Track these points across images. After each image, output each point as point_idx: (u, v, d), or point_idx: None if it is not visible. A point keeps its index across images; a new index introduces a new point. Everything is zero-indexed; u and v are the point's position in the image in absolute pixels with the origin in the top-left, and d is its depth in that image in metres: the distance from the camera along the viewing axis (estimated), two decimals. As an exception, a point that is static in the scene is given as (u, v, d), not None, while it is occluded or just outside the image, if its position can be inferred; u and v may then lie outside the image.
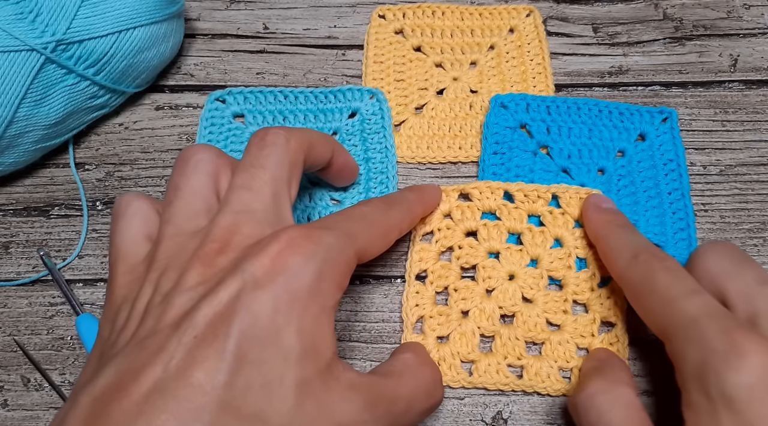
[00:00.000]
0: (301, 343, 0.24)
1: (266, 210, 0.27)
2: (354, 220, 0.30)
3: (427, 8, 0.49)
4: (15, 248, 0.42)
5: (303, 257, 0.25)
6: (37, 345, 0.39)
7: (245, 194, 0.28)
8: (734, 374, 0.26)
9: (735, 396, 0.26)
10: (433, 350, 0.37)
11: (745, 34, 0.48)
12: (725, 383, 0.26)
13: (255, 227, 0.27)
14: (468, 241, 0.40)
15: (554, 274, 0.39)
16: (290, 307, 0.24)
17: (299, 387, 0.23)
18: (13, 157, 0.40)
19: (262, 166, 0.29)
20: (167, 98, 0.47)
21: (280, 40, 0.49)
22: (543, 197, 0.40)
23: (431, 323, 0.38)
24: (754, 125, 0.45)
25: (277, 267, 0.24)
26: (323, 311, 0.25)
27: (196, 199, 0.28)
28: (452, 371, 0.37)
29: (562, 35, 0.49)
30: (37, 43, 0.37)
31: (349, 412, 0.25)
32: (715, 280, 0.31)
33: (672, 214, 0.41)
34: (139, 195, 0.30)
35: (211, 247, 0.26)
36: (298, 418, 0.23)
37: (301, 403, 0.23)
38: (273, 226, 0.27)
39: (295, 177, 0.30)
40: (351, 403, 0.25)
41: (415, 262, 0.39)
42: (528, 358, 0.37)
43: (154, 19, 0.41)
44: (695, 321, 0.28)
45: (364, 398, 0.26)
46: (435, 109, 0.46)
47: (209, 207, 0.28)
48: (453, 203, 0.40)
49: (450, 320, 0.38)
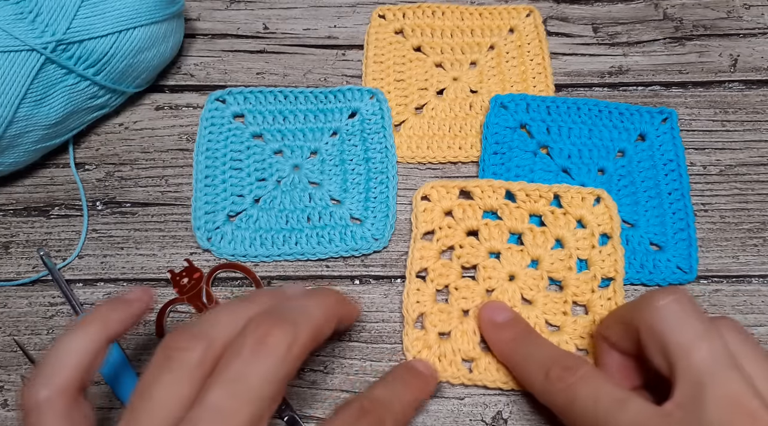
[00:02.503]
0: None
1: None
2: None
3: (427, 8, 0.49)
4: (15, 248, 0.42)
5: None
6: (37, 345, 0.39)
7: (215, 420, 0.24)
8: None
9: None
10: (434, 346, 0.37)
11: (745, 34, 0.48)
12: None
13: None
14: (469, 240, 0.40)
15: (555, 275, 0.39)
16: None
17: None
18: (13, 157, 0.40)
19: (247, 382, 0.24)
20: (167, 98, 0.47)
21: (280, 40, 0.49)
22: (545, 197, 0.40)
23: (432, 319, 0.38)
24: (754, 125, 0.45)
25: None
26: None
27: (164, 416, 0.24)
28: (452, 367, 0.37)
29: (562, 35, 0.49)
30: (37, 43, 0.37)
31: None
32: (658, 337, 0.29)
33: (672, 214, 0.41)
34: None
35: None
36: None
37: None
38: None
39: (284, 389, 0.26)
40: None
41: (415, 260, 0.39)
42: None
43: (154, 19, 0.41)
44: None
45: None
46: (435, 109, 0.46)
47: (178, 418, 0.24)
48: (454, 201, 0.40)
49: (451, 318, 0.38)
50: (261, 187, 0.43)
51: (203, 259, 0.41)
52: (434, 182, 0.41)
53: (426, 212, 0.40)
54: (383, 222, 0.41)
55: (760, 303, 0.39)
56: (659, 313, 0.29)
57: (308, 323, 0.27)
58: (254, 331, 0.25)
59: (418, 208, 0.40)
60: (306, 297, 0.29)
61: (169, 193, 0.43)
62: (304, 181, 0.43)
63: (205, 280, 0.40)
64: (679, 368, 0.28)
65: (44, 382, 0.26)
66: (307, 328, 0.27)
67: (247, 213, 0.42)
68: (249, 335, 0.25)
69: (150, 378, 0.25)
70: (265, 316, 0.26)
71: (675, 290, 0.30)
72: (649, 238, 0.40)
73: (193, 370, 0.25)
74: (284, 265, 0.41)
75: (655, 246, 0.41)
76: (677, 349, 0.28)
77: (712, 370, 0.27)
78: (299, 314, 0.27)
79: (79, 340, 0.28)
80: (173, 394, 0.25)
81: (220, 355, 0.26)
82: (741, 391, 0.26)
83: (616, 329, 0.32)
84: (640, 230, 0.40)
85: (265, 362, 0.25)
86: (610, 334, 0.33)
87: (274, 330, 0.25)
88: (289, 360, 0.25)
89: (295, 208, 0.42)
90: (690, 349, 0.28)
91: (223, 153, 0.43)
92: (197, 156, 0.43)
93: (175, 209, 0.43)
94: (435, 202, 0.40)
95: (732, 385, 0.26)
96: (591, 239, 0.39)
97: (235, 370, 0.25)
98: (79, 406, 0.27)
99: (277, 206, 0.42)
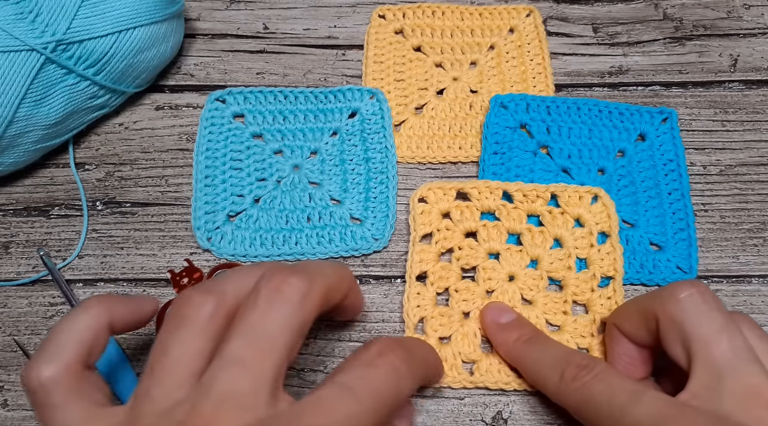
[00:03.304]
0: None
1: (257, 391, 0.24)
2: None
3: (427, 8, 0.49)
4: (15, 248, 0.42)
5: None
6: (37, 345, 0.39)
7: (236, 371, 0.24)
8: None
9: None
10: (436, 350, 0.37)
11: (745, 34, 0.48)
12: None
13: (237, 418, 0.23)
14: (468, 242, 0.40)
15: (554, 274, 0.39)
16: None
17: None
18: (13, 157, 0.40)
19: (264, 331, 0.25)
20: (167, 98, 0.47)
21: (280, 40, 0.49)
22: (542, 197, 0.40)
23: (433, 324, 0.38)
24: (754, 125, 0.45)
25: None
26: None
27: (184, 370, 0.25)
28: (453, 371, 0.37)
29: (562, 35, 0.49)
30: (37, 43, 0.37)
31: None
32: (681, 328, 0.29)
33: (672, 214, 0.41)
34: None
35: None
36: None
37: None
38: (258, 412, 0.24)
39: (302, 338, 0.26)
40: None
41: (415, 263, 0.39)
42: None
43: (154, 19, 0.41)
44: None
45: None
46: (435, 109, 0.46)
47: (198, 372, 0.25)
48: (451, 203, 0.40)
49: (452, 321, 0.38)
50: (261, 187, 0.43)
51: (203, 259, 0.41)
52: (431, 184, 0.40)
53: (424, 214, 0.40)
54: (383, 222, 0.41)
55: (760, 303, 0.39)
56: (681, 304, 0.29)
57: (322, 277, 0.27)
58: (269, 281, 0.26)
59: (415, 210, 0.40)
60: (319, 261, 0.30)
61: (169, 193, 0.43)
62: (304, 181, 0.43)
63: (205, 280, 0.40)
64: (698, 359, 0.28)
65: (47, 360, 0.26)
66: (321, 282, 0.27)
67: (247, 213, 0.42)
68: (264, 286, 0.26)
69: (165, 336, 0.25)
70: (279, 267, 0.26)
71: (696, 283, 0.30)
72: (649, 238, 0.40)
73: (207, 324, 0.25)
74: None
75: (655, 246, 0.41)
76: (698, 341, 0.28)
77: (732, 363, 0.27)
78: (314, 269, 0.27)
79: (82, 320, 0.27)
80: (190, 349, 0.25)
81: (233, 309, 0.26)
82: (760, 383, 0.27)
83: (633, 319, 0.33)
84: (640, 230, 0.40)
85: (281, 310, 0.25)
86: (624, 323, 0.33)
87: (290, 278, 0.26)
88: (305, 308, 0.26)
89: (295, 208, 0.42)
90: (711, 341, 0.28)
91: (223, 153, 0.43)
92: (197, 156, 0.43)
93: (175, 209, 0.43)
94: (432, 204, 0.40)
95: (751, 377, 0.27)
96: (589, 238, 0.39)
97: (252, 321, 0.25)
98: (88, 378, 0.27)
99: (277, 206, 0.42)
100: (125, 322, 0.29)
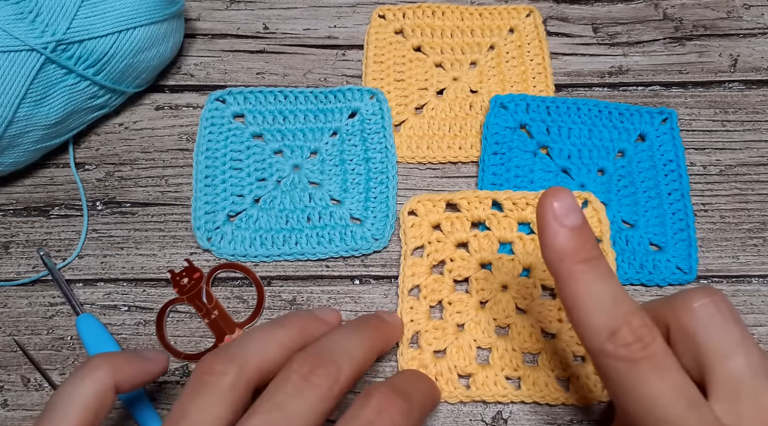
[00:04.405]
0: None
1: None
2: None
3: (427, 8, 0.49)
4: (15, 248, 0.42)
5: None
6: (37, 345, 0.39)
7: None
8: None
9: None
10: (430, 365, 0.37)
11: (745, 34, 0.48)
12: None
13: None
14: (459, 253, 0.39)
15: (547, 282, 0.38)
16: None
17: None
18: (13, 157, 0.40)
19: (289, 414, 0.25)
20: (167, 98, 0.47)
21: (280, 40, 0.49)
22: (531, 204, 0.39)
23: (427, 337, 0.37)
24: (754, 125, 0.45)
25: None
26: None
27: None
28: (449, 386, 0.36)
29: (562, 35, 0.49)
30: (37, 43, 0.37)
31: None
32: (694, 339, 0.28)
33: (672, 214, 0.41)
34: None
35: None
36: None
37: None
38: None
39: (324, 423, 0.26)
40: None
41: (407, 276, 0.39)
42: (525, 369, 0.36)
43: (154, 19, 0.41)
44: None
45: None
46: (435, 109, 0.46)
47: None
48: (441, 215, 0.40)
49: (446, 334, 0.37)
50: (261, 187, 0.43)
51: (203, 259, 0.41)
52: (420, 196, 0.40)
53: (414, 227, 0.40)
54: (383, 222, 0.41)
55: (760, 303, 0.39)
56: (695, 314, 0.27)
57: (350, 364, 0.28)
58: (299, 368, 0.27)
59: (405, 223, 0.40)
60: (349, 332, 0.30)
61: (169, 193, 0.43)
62: (304, 181, 0.43)
63: (205, 280, 0.40)
64: (714, 374, 0.26)
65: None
66: (349, 369, 0.28)
67: (247, 213, 0.42)
68: (294, 371, 0.26)
69: (186, 401, 0.26)
70: (310, 354, 0.27)
71: (712, 292, 0.28)
72: (648, 239, 0.40)
73: (227, 392, 0.26)
74: (284, 265, 0.41)
75: (654, 246, 0.41)
76: (711, 355, 0.27)
77: (749, 380, 0.26)
78: (343, 355, 0.28)
79: (86, 385, 0.27)
80: (210, 415, 0.25)
81: (255, 377, 0.27)
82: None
83: None
84: (640, 230, 0.40)
85: (308, 397, 0.26)
86: None
87: (319, 370, 0.26)
88: (330, 397, 0.26)
89: (295, 208, 0.42)
90: (726, 356, 0.26)
91: (223, 153, 0.43)
92: (197, 156, 0.43)
93: (175, 209, 0.43)
94: (422, 217, 0.40)
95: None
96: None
97: (279, 401, 0.25)
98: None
99: (277, 206, 0.42)
100: (132, 382, 0.29)
